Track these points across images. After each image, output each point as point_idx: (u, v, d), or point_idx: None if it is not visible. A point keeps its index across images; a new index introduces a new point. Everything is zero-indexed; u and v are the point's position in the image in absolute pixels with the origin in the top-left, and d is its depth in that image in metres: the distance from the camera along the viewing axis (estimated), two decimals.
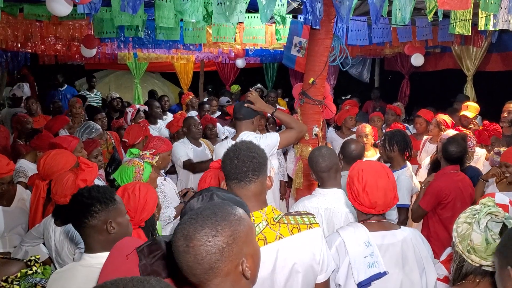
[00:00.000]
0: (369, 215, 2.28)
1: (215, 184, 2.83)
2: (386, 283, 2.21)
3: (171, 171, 5.21)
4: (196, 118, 5.41)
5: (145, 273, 1.49)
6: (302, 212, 1.99)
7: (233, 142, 3.61)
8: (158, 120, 7.23)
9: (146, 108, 7.23)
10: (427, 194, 3.83)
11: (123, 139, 5.19)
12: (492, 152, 4.46)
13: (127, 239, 1.74)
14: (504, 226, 1.80)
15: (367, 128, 5.20)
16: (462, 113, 6.11)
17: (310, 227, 1.92)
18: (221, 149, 3.92)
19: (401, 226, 2.39)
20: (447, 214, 3.71)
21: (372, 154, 5.12)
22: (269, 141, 3.50)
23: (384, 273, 2.17)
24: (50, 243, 2.81)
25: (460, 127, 5.36)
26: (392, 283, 2.22)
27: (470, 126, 5.87)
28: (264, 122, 5.84)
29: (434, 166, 4.36)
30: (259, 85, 11.01)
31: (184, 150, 4.98)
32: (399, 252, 2.25)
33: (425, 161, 5.00)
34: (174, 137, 5.98)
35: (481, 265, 1.79)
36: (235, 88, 11.10)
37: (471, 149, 4.75)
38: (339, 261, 2.20)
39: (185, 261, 1.30)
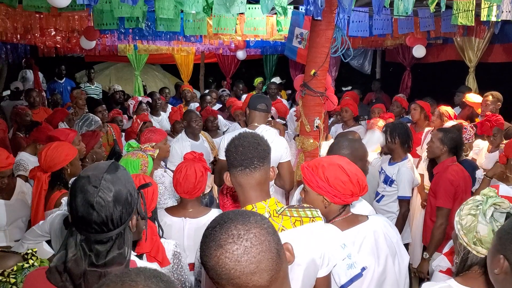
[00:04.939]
0: (344, 208, 2.23)
1: (192, 174, 2.81)
2: (364, 277, 2.19)
3: None
4: (197, 112, 5.33)
5: None
6: (305, 206, 1.97)
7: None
8: (161, 112, 7.24)
9: (149, 99, 7.22)
10: (441, 192, 3.70)
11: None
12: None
13: (32, 278, 1.62)
14: (508, 215, 1.78)
15: (377, 126, 5.10)
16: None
17: (312, 220, 1.90)
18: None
19: (369, 216, 2.35)
20: (456, 207, 3.65)
21: (378, 148, 5.07)
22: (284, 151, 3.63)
23: (363, 269, 2.15)
24: (58, 245, 2.77)
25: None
26: (370, 275, 2.22)
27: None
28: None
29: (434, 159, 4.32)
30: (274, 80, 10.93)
31: (179, 150, 4.81)
32: (372, 244, 2.24)
33: (425, 153, 4.97)
34: (173, 130, 5.99)
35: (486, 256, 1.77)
36: (258, 80, 11.04)
37: (468, 140, 4.74)
38: None
39: (254, 257, 1.16)
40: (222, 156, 3.80)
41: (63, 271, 1.48)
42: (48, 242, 2.91)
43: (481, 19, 5.12)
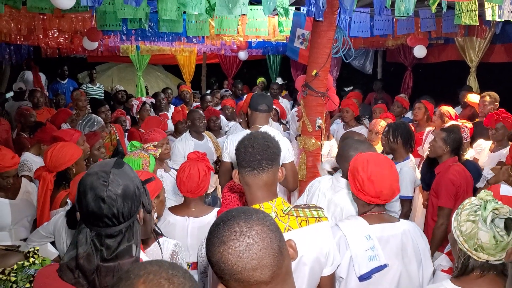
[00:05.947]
0: (371, 206, 2.28)
1: (195, 173, 2.84)
2: (386, 275, 2.24)
3: None
4: (200, 111, 5.37)
5: None
6: (311, 205, 2.00)
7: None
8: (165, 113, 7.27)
9: (153, 100, 7.26)
10: (442, 192, 3.72)
11: (140, 129, 5.19)
12: None
13: (42, 276, 1.61)
14: (508, 220, 1.74)
15: (379, 126, 5.14)
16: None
17: (318, 220, 1.93)
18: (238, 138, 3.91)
19: (400, 219, 2.41)
20: (457, 207, 3.66)
21: (380, 147, 5.08)
22: (286, 152, 3.62)
23: (385, 266, 2.20)
24: (62, 246, 2.77)
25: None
26: (391, 275, 2.25)
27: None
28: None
29: (431, 159, 4.32)
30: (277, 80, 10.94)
31: (182, 149, 4.83)
32: (399, 244, 2.27)
33: (427, 153, 4.99)
34: (176, 130, 6.01)
35: (488, 261, 1.76)
36: (259, 80, 11.06)
37: (465, 140, 4.77)
38: (340, 254, 2.22)
39: (255, 253, 1.18)
40: (225, 158, 3.84)
41: (75, 268, 1.51)
42: (53, 243, 2.94)
43: (486, 19, 5.14)
